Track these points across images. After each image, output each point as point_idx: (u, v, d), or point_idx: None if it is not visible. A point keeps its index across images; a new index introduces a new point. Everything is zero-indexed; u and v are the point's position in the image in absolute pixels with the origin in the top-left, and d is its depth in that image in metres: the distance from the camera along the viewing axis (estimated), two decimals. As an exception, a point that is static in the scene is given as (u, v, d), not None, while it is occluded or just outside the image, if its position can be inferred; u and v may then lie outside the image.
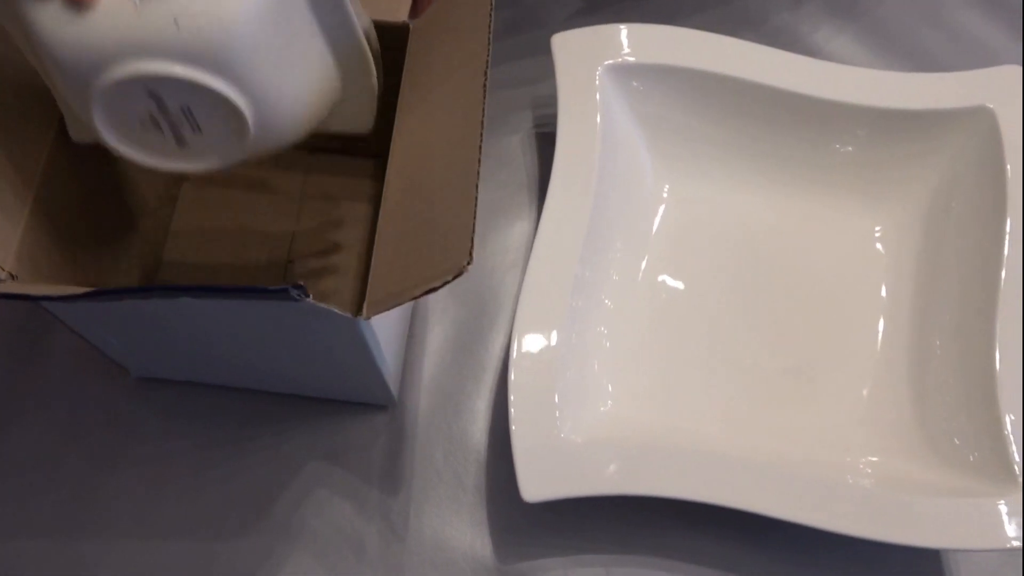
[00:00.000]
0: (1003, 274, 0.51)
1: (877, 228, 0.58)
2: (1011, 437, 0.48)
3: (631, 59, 0.56)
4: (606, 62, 0.56)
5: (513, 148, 0.62)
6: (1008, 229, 0.52)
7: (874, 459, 0.51)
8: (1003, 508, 0.47)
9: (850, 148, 0.58)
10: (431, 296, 0.57)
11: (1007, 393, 0.49)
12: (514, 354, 0.49)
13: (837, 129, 0.57)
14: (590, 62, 0.56)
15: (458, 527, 0.52)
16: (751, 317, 0.56)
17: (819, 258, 0.57)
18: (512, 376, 0.48)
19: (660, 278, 0.57)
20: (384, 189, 0.43)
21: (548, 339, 0.49)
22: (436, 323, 0.57)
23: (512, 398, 0.48)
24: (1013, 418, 0.48)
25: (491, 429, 0.54)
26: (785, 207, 0.59)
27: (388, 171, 0.43)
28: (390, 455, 0.53)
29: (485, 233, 0.59)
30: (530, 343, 0.49)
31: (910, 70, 0.58)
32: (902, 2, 0.67)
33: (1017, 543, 0.46)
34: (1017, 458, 0.47)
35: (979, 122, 0.55)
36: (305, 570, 0.50)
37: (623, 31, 0.57)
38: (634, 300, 0.56)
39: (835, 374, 0.55)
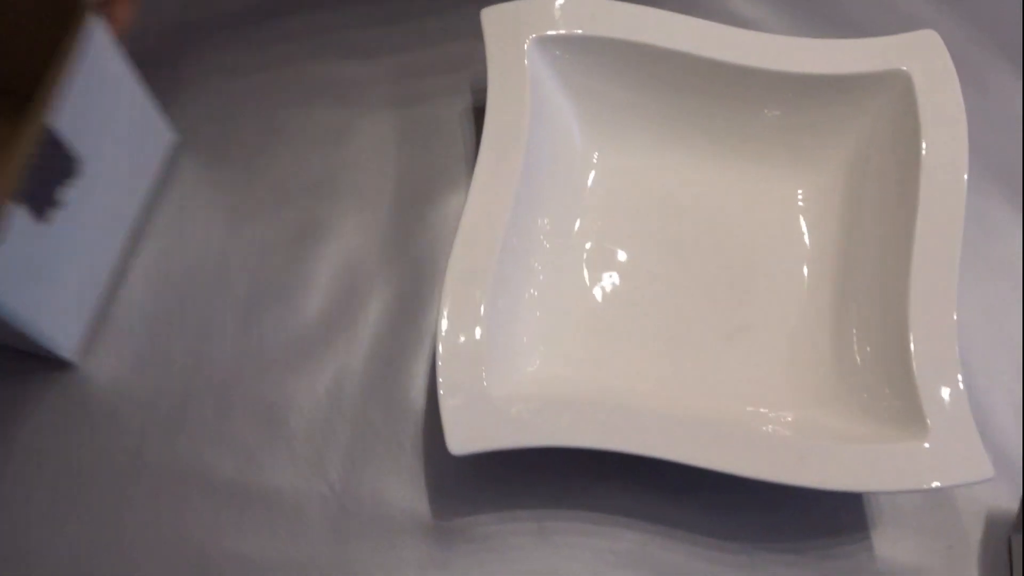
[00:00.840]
0: (917, 233, 0.53)
1: (800, 191, 0.60)
2: (922, 389, 0.49)
3: (559, 31, 0.58)
4: (535, 34, 0.57)
5: (452, 122, 0.63)
6: (921, 190, 0.53)
7: (796, 411, 0.53)
8: (917, 453, 0.48)
9: (777, 113, 0.59)
10: (371, 266, 0.59)
11: (921, 347, 0.50)
12: (443, 315, 0.50)
13: (760, 96, 0.58)
14: (519, 35, 0.57)
15: (396, 486, 0.53)
16: (679, 278, 0.58)
17: (745, 222, 0.59)
18: (440, 335, 0.50)
19: (591, 243, 0.59)
20: None
21: (476, 301, 0.51)
22: (377, 293, 0.58)
23: (440, 362, 0.49)
24: (925, 371, 0.50)
25: (429, 392, 0.56)
26: (712, 172, 0.60)
27: None
28: (330, 419, 0.55)
29: (423, 205, 0.60)
30: (458, 304, 0.51)
31: (833, 37, 0.59)
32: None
33: (937, 484, 0.48)
34: (924, 410, 0.49)
35: (896, 85, 0.56)
36: (245, 532, 0.52)
37: (551, 4, 0.58)
38: (565, 264, 0.58)
39: (760, 331, 0.56)
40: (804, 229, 0.59)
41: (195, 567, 0.51)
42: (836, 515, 0.53)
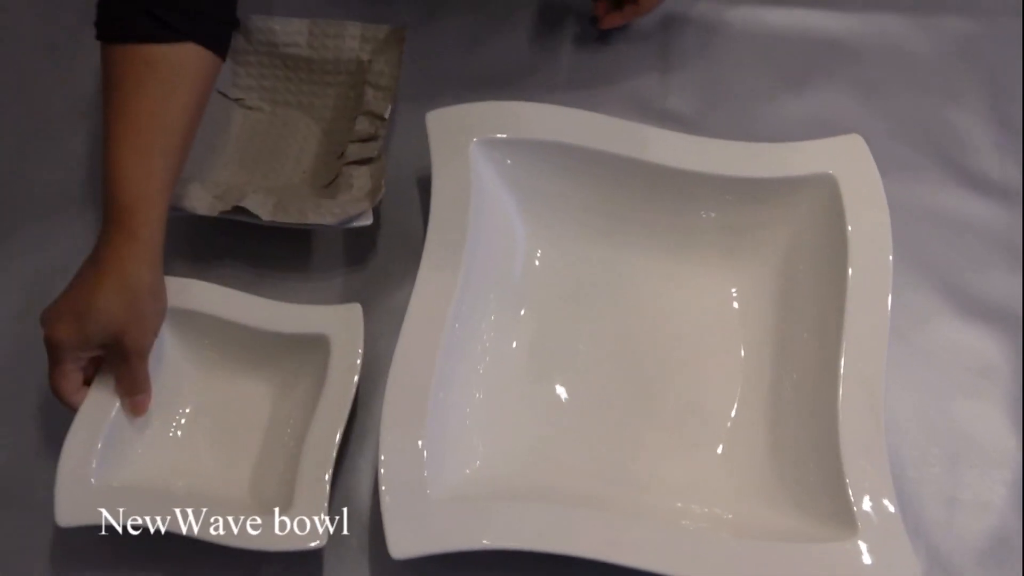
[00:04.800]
0: (845, 331, 0.54)
1: (734, 288, 0.62)
2: (851, 486, 0.51)
3: (502, 134, 0.60)
4: (478, 137, 0.59)
5: (410, 218, 0.65)
6: (849, 288, 0.55)
7: (731, 506, 0.54)
8: (847, 554, 0.49)
9: (712, 214, 0.61)
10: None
11: (849, 444, 0.52)
12: (385, 418, 0.51)
13: (696, 198, 0.61)
14: (463, 137, 0.59)
15: (340, 584, 0.54)
16: (621, 375, 0.59)
17: (683, 318, 0.61)
18: (382, 439, 0.51)
19: (533, 340, 0.60)
20: None
21: (418, 402, 0.52)
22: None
23: (382, 469, 0.50)
24: (854, 468, 0.51)
25: (374, 487, 0.56)
26: (651, 269, 0.62)
27: None
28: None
29: (372, 298, 0.62)
30: (400, 406, 0.52)
31: (768, 139, 0.61)
32: (764, 79, 0.71)
33: None
34: (855, 508, 0.50)
35: (823, 187, 0.59)
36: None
37: (494, 108, 0.60)
38: (508, 363, 0.59)
39: (698, 427, 0.58)
40: (738, 326, 0.61)
41: None
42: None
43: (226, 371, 0.59)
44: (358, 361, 0.55)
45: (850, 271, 0.56)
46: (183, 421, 0.58)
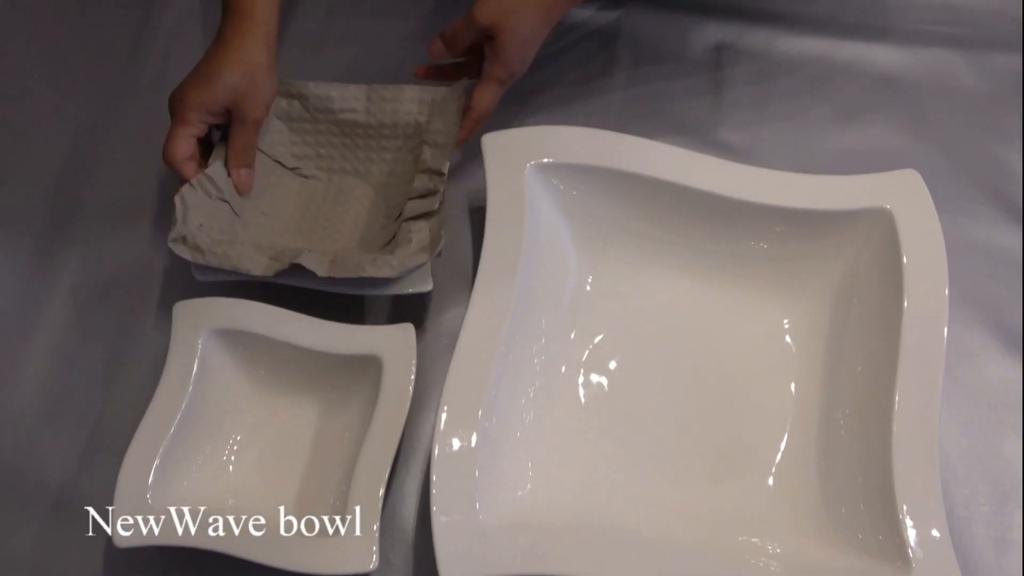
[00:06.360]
0: (900, 366, 0.54)
1: (786, 320, 0.61)
2: (905, 523, 0.50)
3: (556, 159, 0.60)
4: (533, 161, 0.59)
5: (461, 238, 0.65)
6: (904, 325, 0.55)
7: (782, 541, 0.54)
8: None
9: (764, 245, 0.61)
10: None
11: (903, 480, 0.52)
12: (437, 441, 0.51)
13: (749, 227, 0.60)
14: (518, 161, 0.59)
15: (386, 606, 0.54)
16: (670, 403, 0.59)
17: (734, 348, 0.61)
18: (435, 461, 0.51)
19: (583, 366, 0.60)
20: None
21: (471, 426, 0.52)
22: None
23: (434, 481, 0.50)
24: (908, 505, 0.51)
25: (420, 509, 0.56)
26: (703, 299, 0.62)
27: None
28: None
29: (422, 319, 0.62)
30: (453, 430, 0.52)
31: (819, 171, 0.61)
32: (816, 110, 0.71)
33: None
34: (909, 546, 0.50)
35: (879, 222, 0.59)
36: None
37: (549, 132, 0.60)
38: (558, 387, 0.59)
39: (748, 458, 0.58)
40: (790, 357, 0.60)
41: None
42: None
43: (278, 391, 0.59)
44: (411, 381, 0.55)
45: (906, 305, 0.56)
46: (236, 439, 0.58)
